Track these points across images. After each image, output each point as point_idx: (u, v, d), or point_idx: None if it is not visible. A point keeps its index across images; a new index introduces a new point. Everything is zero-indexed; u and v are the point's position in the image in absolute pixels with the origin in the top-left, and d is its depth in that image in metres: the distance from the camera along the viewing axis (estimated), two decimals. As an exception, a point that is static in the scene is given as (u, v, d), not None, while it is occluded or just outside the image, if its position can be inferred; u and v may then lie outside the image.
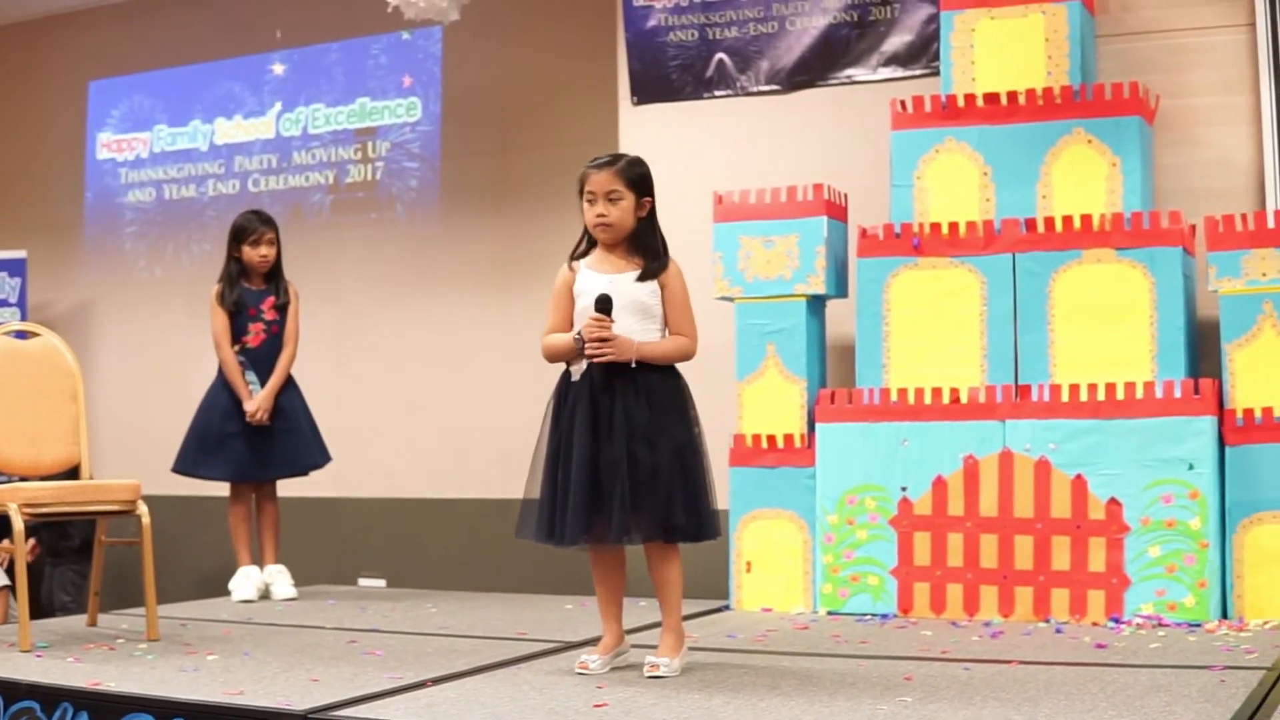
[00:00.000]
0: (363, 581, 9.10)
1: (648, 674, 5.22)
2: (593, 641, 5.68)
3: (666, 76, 8.62)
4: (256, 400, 7.73)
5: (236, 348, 7.80)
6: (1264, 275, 6.63)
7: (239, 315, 7.84)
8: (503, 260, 9.42)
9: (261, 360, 7.84)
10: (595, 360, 5.27)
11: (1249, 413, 6.60)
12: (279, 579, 7.87)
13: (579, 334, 5.30)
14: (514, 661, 5.67)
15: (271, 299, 7.90)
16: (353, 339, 9.76)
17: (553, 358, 5.44)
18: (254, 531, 7.93)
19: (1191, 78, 7.50)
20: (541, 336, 5.48)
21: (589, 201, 5.41)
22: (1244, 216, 6.72)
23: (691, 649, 5.57)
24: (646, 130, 8.54)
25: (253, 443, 7.79)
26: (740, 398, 7.41)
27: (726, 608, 7.36)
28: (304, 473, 8.03)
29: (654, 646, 5.37)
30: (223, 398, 7.82)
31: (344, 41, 10.12)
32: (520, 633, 6.49)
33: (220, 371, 7.86)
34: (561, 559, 5.81)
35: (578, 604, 7.44)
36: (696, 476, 5.33)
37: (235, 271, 7.89)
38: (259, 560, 7.92)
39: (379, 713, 4.68)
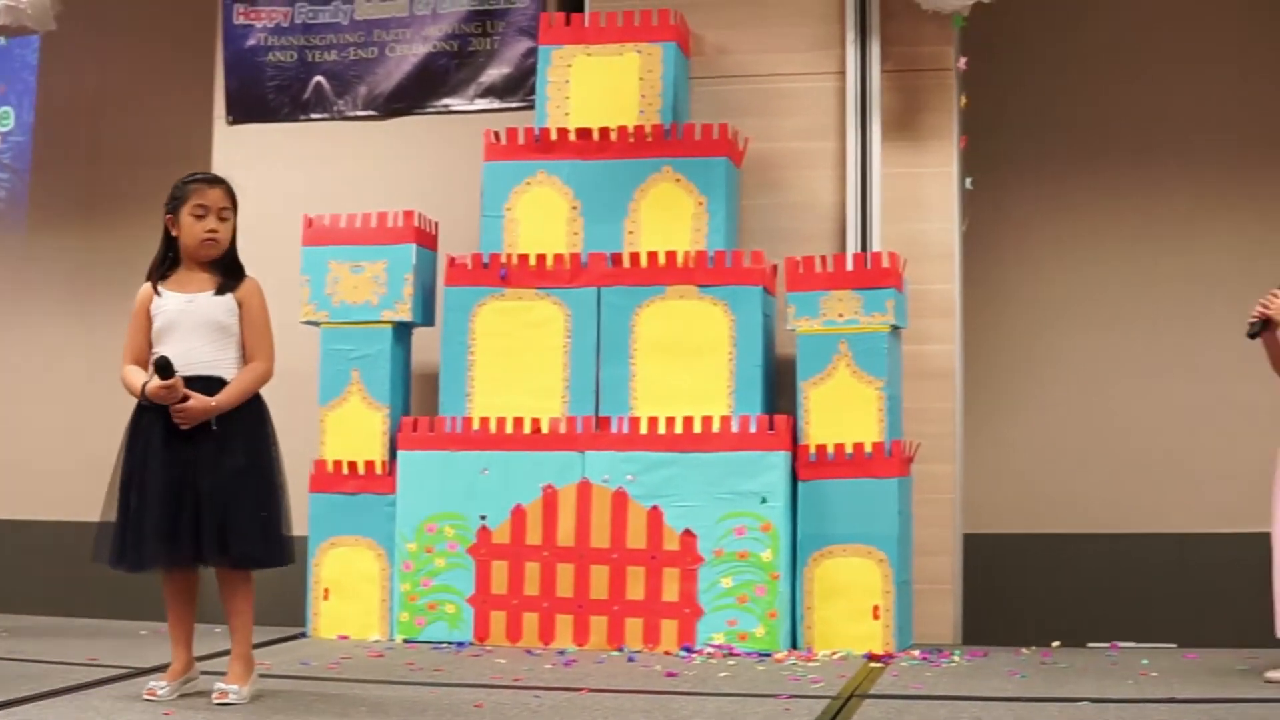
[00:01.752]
0: (-71, 604, 8.79)
1: (216, 701, 5.14)
2: (163, 668, 5.55)
3: (263, 96, 8.50)
4: None
5: None
6: (840, 316, 6.83)
7: None
8: (88, 276, 9.22)
9: None
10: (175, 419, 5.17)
11: (821, 449, 6.79)
12: None
13: (144, 396, 5.18)
14: (83, 687, 5.55)
15: None
16: (-70, 353, 9.45)
17: (129, 391, 5.32)
18: None
19: (782, 122, 7.71)
20: (122, 359, 5.36)
21: (197, 216, 5.28)
22: (823, 258, 6.93)
23: (263, 676, 5.52)
24: (241, 149, 8.39)
25: None
26: (323, 423, 7.36)
27: (303, 635, 7.29)
28: None
29: (225, 673, 5.29)
30: None
31: (-65, 45, 9.81)
32: (90, 658, 6.34)
33: None
34: (138, 584, 5.69)
35: (153, 630, 7.28)
36: (262, 501, 5.27)
37: None
38: None
39: (-68, 740, 4.55)
